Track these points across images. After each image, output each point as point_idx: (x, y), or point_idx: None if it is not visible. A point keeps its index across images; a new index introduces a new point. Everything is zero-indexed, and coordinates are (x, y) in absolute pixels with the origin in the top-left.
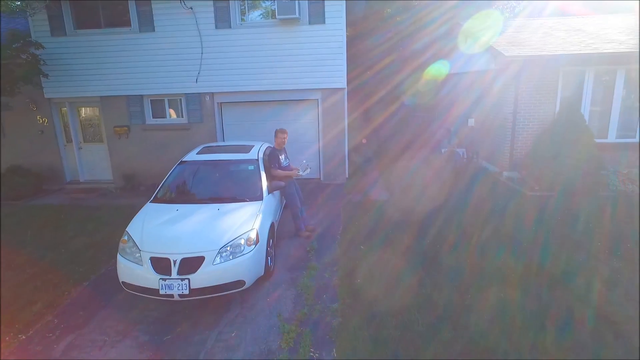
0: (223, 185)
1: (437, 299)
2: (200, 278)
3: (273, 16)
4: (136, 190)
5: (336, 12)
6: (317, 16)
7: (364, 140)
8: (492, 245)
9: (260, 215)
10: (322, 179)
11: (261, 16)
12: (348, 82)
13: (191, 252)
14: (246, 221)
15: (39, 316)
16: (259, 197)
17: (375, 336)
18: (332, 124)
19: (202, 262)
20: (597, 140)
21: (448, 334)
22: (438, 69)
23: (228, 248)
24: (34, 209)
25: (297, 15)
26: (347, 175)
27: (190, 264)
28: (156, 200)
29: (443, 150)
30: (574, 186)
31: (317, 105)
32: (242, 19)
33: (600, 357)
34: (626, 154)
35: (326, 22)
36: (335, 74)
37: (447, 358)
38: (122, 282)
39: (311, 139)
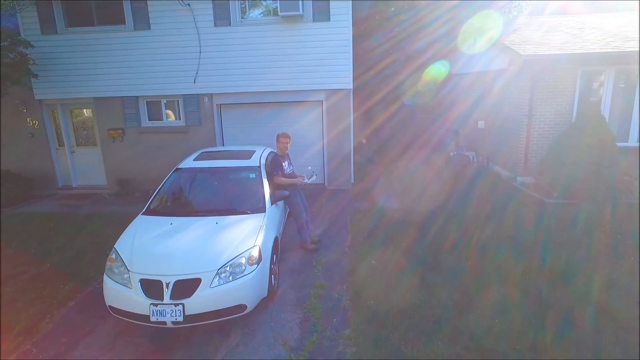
0: (222, 196)
1: (463, 325)
2: (196, 303)
3: (275, 13)
4: (131, 196)
5: (342, 8)
6: (322, 13)
7: (363, 140)
8: (517, 259)
9: (263, 229)
10: (326, 184)
11: (263, 13)
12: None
13: (186, 273)
14: (247, 237)
15: (16, 345)
16: (262, 209)
17: None
18: (336, 127)
19: (198, 285)
20: (618, 144)
21: None
22: (443, 69)
23: (227, 268)
24: (22, 217)
25: (300, 12)
26: (352, 181)
27: (185, 287)
28: (149, 212)
29: (452, 154)
30: (596, 193)
31: (321, 107)
32: (243, 17)
33: None
34: None
35: (331, 20)
36: (340, 74)
37: None
38: (109, 306)
39: (315, 143)
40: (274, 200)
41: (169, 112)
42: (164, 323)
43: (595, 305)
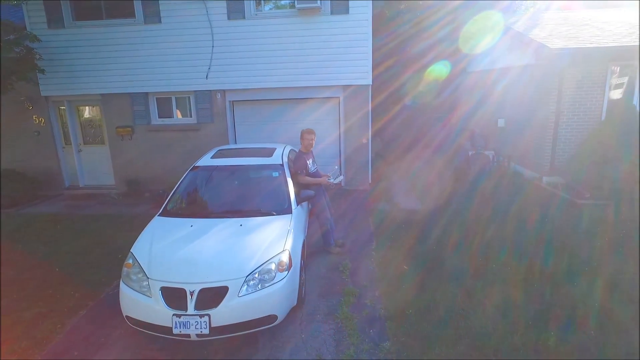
0: (244, 196)
1: (518, 339)
2: (223, 314)
3: (291, 6)
4: (140, 196)
5: (362, 0)
6: (340, 6)
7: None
8: (556, 264)
9: (292, 232)
10: (343, 184)
11: (278, 6)
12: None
13: (212, 281)
14: (275, 240)
15: (24, 357)
16: (288, 210)
17: None
18: (355, 125)
19: (225, 294)
20: None
21: None
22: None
23: (256, 275)
24: (27, 218)
25: (318, 4)
26: (370, 181)
27: (211, 296)
28: (166, 213)
29: (470, 153)
30: (632, 193)
31: (338, 104)
32: (258, 9)
33: None
34: None
35: (350, 12)
36: (360, 69)
37: None
38: (126, 316)
39: (331, 141)
40: (299, 201)
41: (179, 109)
42: (188, 336)
43: None
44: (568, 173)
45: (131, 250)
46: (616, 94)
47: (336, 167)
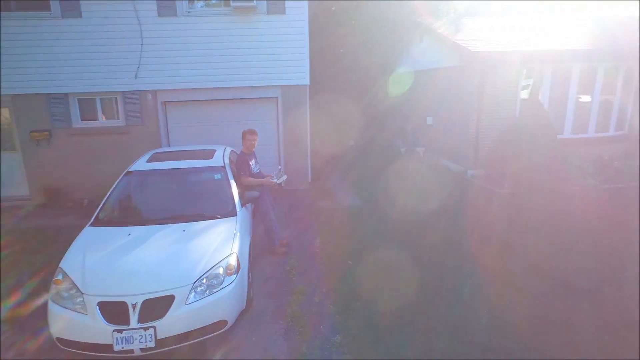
0: (186, 200)
1: (456, 321)
2: (170, 324)
3: (226, 4)
4: (62, 207)
5: (298, 1)
6: (277, 5)
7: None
8: (485, 245)
9: (238, 234)
10: (283, 184)
11: (212, 4)
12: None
13: (156, 290)
14: (222, 244)
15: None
16: (232, 212)
17: None
18: (293, 125)
19: (171, 303)
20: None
21: None
22: (399, 79)
23: (204, 281)
24: None
25: (253, 3)
26: (309, 180)
27: (156, 307)
28: (98, 222)
29: (402, 150)
30: (543, 183)
31: (276, 104)
32: (190, 6)
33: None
34: (581, 149)
35: (287, 13)
36: (297, 69)
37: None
38: (57, 338)
39: (270, 141)
40: (243, 203)
41: (106, 111)
42: (131, 351)
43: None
44: (489, 166)
45: (60, 265)
46: (528, 94)
47: (279, 167)
